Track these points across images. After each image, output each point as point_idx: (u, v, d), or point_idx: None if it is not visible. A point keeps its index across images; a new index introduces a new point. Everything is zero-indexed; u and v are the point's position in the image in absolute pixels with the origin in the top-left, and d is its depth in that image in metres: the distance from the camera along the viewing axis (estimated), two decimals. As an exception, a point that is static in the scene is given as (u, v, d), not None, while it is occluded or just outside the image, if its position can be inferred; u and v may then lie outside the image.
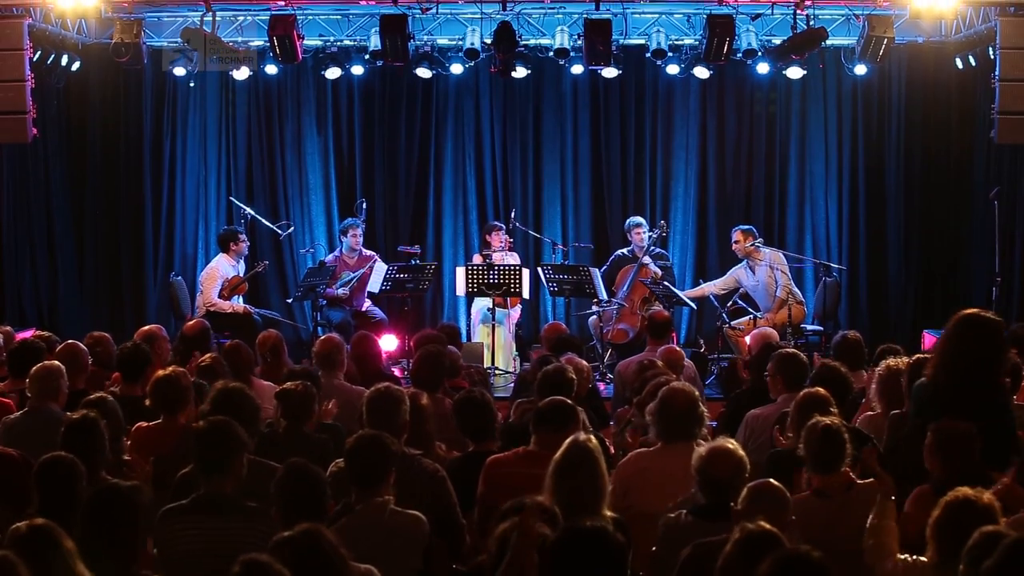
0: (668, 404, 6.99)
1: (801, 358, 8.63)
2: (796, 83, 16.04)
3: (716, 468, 5.95)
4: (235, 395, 7.21)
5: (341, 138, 16.90)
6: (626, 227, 15.28)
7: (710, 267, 16.48)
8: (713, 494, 5.93)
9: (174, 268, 16.09)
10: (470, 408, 7.54)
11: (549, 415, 6.94)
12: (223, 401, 7.11)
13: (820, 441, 6.37)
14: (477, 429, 7.49)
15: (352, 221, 15.26)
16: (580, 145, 16.85)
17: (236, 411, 6.84)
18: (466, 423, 7.54)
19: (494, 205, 16.82)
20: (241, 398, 7.19)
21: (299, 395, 7.59)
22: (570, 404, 7.09)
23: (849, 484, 6.38)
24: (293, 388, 7.64)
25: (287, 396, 7.59)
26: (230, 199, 16.30)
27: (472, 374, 10.72)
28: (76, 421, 6.64)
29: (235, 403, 7.08)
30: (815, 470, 6.42)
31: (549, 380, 8.05)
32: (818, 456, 6.39)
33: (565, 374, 8.17)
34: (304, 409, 7.59)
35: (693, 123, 16.75)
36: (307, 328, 15.63)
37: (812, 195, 16.70)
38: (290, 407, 7.55)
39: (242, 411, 6.94)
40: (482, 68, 16.07)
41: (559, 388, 7.76)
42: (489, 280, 14.25)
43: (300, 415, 7.56)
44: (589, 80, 16.52)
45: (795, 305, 14.06)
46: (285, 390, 7.67)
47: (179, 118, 16.73)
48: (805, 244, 16.58)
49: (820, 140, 16.65)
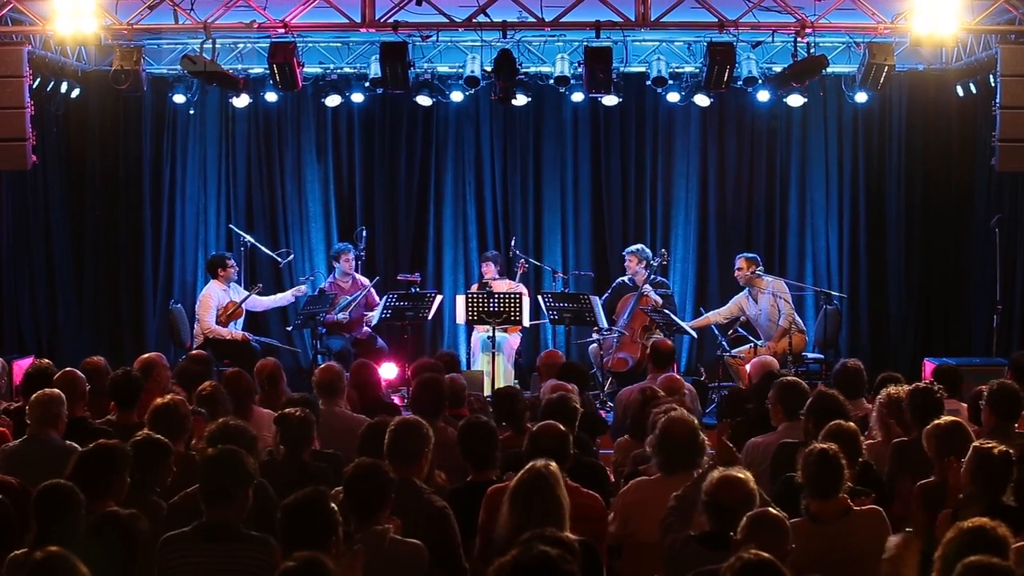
0: (669, 434, 6.98)
1: (802, 386, 8.65)
2: (797, 111, 16.09)
3: (725, 495, 5.92)
4: (231, 431, 7.19)
5: (341, 166, 16.94)
6: (624, 252, 15.33)
7: (711, 295, 16.50)
8: (719, 522, 5.90)
9: (173, 295, 16.12)
10: (476, 435, 7.51)
11: (545, 446, 6.94)
12: (220, 439, 7.08)
13: (817, 466, 6.39)
14: (481, 457, 7.46)
15: (344, 246, 15.31)
16: (580, 173, 16.89)
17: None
18: (470, 450, 7.51)
19: (494, 233, 16.85)
20: (237, 434, 7.17)
21: (298, 421, 7.57)
22: (563, 432, 7.08)
23: (846, 510, 6.39)
24: (291, 414, 7.62)
25: (286, 422, 7.56)
26: (229, 226, 16.34)
27: (472, 402, 10.70)
28: (89, 451, 6.61)
29: (232, 439, 7.05)
30: (812, 495, 6.43)
31: (552, 408, 8.06)
32: (815, 481, 6.41)
33: (568, 403, 8.17)
34: (303, 436, 7.57)
35: (694, 151, 16.79)
36: (307, 356, 15.63)
37: (813, 222, 16.74)
38: (288, 433, 7.53)
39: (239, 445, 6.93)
40: (482, 96, 16.13)
41: (561, 416, 7.75)
42: (489, 308, 14.27)
43: (299, 441, 7.54)
44: (589, 108, 16.58)
45: (796, 334, 14.07)
46: (284, 415, 7.63)
47: (179, 145, 16.78)
48: (806, 271, 16.61)
49: (821, 167, 16.69)
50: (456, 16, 13.71)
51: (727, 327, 14.50)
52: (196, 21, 13.60)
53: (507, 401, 9.05)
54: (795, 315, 14.53)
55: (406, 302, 14.55)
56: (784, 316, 14.34)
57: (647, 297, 14.59)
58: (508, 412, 8.89)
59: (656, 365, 11.27)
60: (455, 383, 9.82)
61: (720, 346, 14.08)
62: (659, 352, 11.43)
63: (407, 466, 6.82)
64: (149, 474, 6.85)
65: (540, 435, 7.10)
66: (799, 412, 8.19)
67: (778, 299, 14.43)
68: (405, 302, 14.54)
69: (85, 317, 16.74)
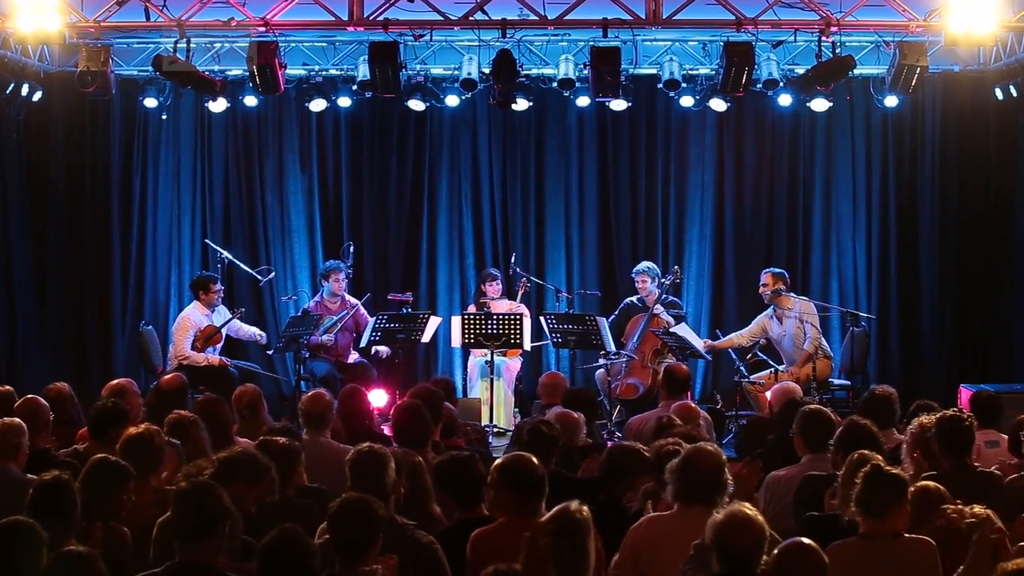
0: (692, 464, 6.94)
1: (827, 415, 8.64)
2: (821, 116, 16.12)
3: (735, 538, 5.86)
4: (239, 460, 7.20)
5: (326, 176, 16.96)
6: (632, 274, 15.34)
7: (727, 316, 16.51)
8: (730, 566, 5.86)
9: (144, 316, 16.11)
10: (452, 470, 7.50)
11: (520, 481, 6.92)
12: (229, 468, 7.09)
13: (876, 482, 6.40)
14: (462, 494, 7.44)
15: (334, 264, 15.31)
16: (586, 183, 16.92)
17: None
18: (450, 488, 7.50)
19: (493, 249, 16.87)
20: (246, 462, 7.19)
21: (281, 450, 7.56)
22: (538, 469, 7.04)
23: (897, 533, 6.41)
24: (274, 442, 7.60)
25: (268, 450, 7.55)
26: (205, 242, 16.34)
27: (468, 433, 10.70)
28: (46, 483, 6.62)
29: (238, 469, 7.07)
30: (867, 513, 6.43)
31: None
32: (873, 498, 6.41)
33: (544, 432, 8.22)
34: (288, 467, 7.56)
35: (709, 160, 16.82)
36: (289, 382, 15.63)
37: (839, 237, 16.75)
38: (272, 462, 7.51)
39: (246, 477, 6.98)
40: (480, 100, 16.17)
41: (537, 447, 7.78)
42: (487, 330, 14.27)
43: (283, 474, 7.54)
44: (596, 113, 16.61)
45: (822, 359, 14.07)
46: (265, 443, 7.62)
47: (150, 153, 16.79)
48: (831, 291, 16.61)
49: (847, 178, 16.71)
50: (451, 13, 13.75)
51: (745, 351, 14.48)
52: (169, 18, 13.64)
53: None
54: (822, 339, 14.54)
55: (397, 324, 14.54)
56: (810, 340, 14.34)
57: (659, 318, 14.60)
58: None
59: (670, 391, 11.26)
60: (447, 412, 9.83)
61: (738, 371, 14.08)
62: (674, 377, 11.41)
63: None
64: (105, 500, 6.84)
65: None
66: (826, 443, 8.19)
67: (804, 322, 14.42)
68: (396, 324, 14.53)
69: (47, 339, 16.70)
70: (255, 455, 7.36)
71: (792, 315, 14.52)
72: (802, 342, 14.41)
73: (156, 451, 7.78)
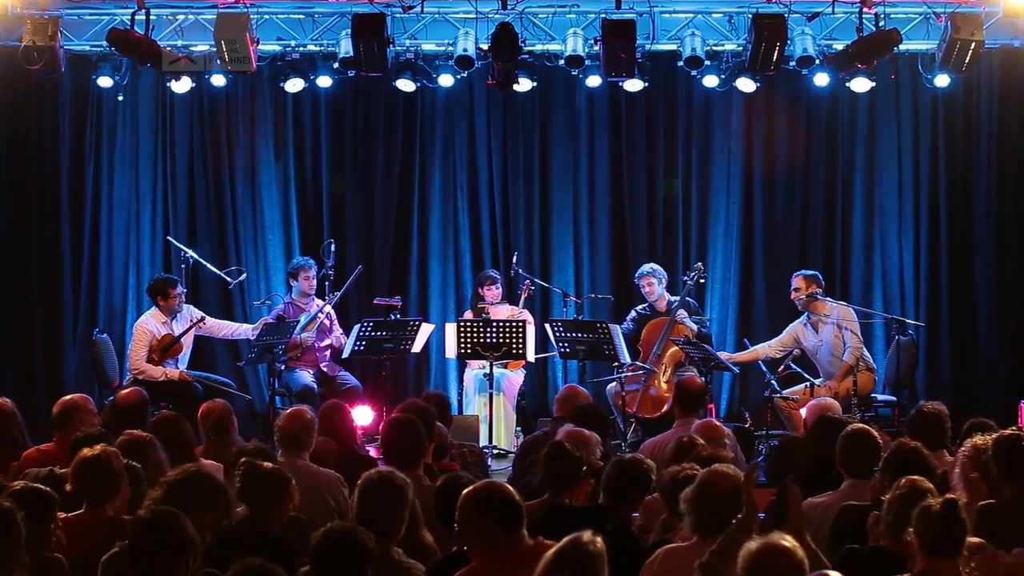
0: (708, 490, 6.96)
1: (872, 437, 8.63)
2: (863, 97, 16.14)
3: (771, 571, 5.91)
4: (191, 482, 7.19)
5: (304, 165, 16.98)
6: (635, 279, 15.34)
7: (757, 324, 16.52)
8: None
9: (98, 323, 16.14)
10: (450, 497, 7.48)
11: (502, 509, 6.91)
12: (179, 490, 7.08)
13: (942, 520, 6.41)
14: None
15: (303, 261, 15.35)
16: (597, 174, 16.93)
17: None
18: (447, 516, 7.48)
19: (492, 248, 16.89)
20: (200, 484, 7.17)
21: (268, 475, 7.55)
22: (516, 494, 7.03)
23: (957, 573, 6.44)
24: (260, 465, 7.58)
25: (252, 474, 7.53)
26: (168, 239, 16.32)
27: (465, 455, 10.72)
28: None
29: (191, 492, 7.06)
30: (930, 553, 6.43)
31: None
32: (939, 538, 6.42)
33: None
34: (274, 494, 7.56)
35: (736, 147, 16.82)
36: (262, 397, 15.64)
37: (883, 235, 16.75)
38: (253, 491, 7.53)
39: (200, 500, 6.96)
40: (477, 80, 16.20)
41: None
42: (486, 339, 14.27)
43: (266, 502, 7.52)
44: (608, 94, 16.63)
45: (864, 371, 14.08)
46: (251, 465, 7.59)
47: (105, 139, 16.76)
48: (874, 295, 16.61)
49: (892, 167, 16.70)
50: (445, -18, 13.79)
51: (777, 363, 14.47)
52: (126, -14, 13.66)
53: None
54: (863, 349, 14.54)
55: (384, 331, 14.53)
56: (850, 350, 14.34)
57: (681, 326, 14.60)
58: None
59: (684, 408, 11.28)
60: (438, 431, 9.84)
61: (769, 386, 14.04)
62: (686, 392, 11.42)
63: (381, 535, 6.77)
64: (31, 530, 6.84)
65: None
66: (870, 468, 8.20)
67: (844, 330, 14.42)
68: (383, 332, 14.52)
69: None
70: (210, 475, 7.34)
71: (829, 322, 14.52)
72: (841, 352, 14.40)
73: (114, 475, 7.74)
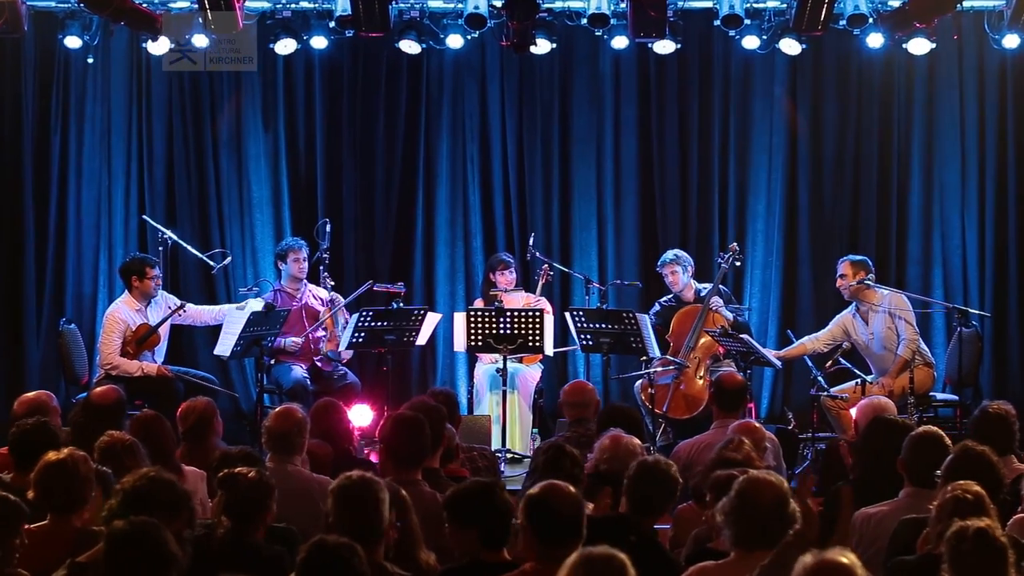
0: (749, 500, 6.94)
1: (941, 440, 8.60)
2: (921, 61, 16.09)
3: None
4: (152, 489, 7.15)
5: (296, 136, 16.98)
6: (658, 268, 15.32)
7: (801, 313, 16.53)
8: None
9: (65, 312, 16.13)
10: (473, 500, 7.45)
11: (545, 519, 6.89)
12: (135, 499, 7.04)
13: (974, 549, 6.37)
14: (486, 531, 7.40)
15: (293, 242, 15.35)
16: (623, 147, 16.92)
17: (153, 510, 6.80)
18: (470, 523, 7.45)
19: (506, 228, 16.90)
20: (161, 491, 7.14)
21: (250, 485, 7.51)
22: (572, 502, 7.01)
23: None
24: (242, 475, 7.56)
25: (234, 484, 7.50)
26: (143, 218, 16.34)
27: (475, 459, 10.71)
28: None
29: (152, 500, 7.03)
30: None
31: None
32: (972, 569, 6.38)
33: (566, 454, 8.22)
34: (256, 505, 7.49)
35: (778, 116, 16.81)
36: (249, 395, 15.65)
37: (943, 215, 16.72)
38: (237, 502, 7.49)
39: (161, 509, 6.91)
40: (489, 41, 16.18)
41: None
42: (499, 330, 14.24)
43: (250, 513, 7.48)
44: (636, 58, 16.62)
45: (922, 367, 14.04)
46: (232, 476, 7.58)
47: (73, 106, 16.76)
48: (933, 282, 16.60)
49: (955, 139, 16.66)
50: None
51: (824, 358, 14.44)
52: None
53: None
54: (920, 342, 14.51)
55: (386, 322, 14.50)
56: (905, 343, 14.31)
57: (716, 315, 14.57)
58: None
59: (722, 407, 11.26)
60: (446, 433, 9.83)
61: (815, 383, 14.04)
62: (724, 390, 11.40)
63: (365, 544, 6.73)
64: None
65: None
66: (932, 475, 8.16)
67: (896, 319, 14.39)
68: (384, 322, 14.50)
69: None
70: (171, 481, 7.32)
71: (880, 311, 14.47)
72: (895, 345, 14.37)
73: (82, 482, 7.75)
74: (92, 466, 8.02)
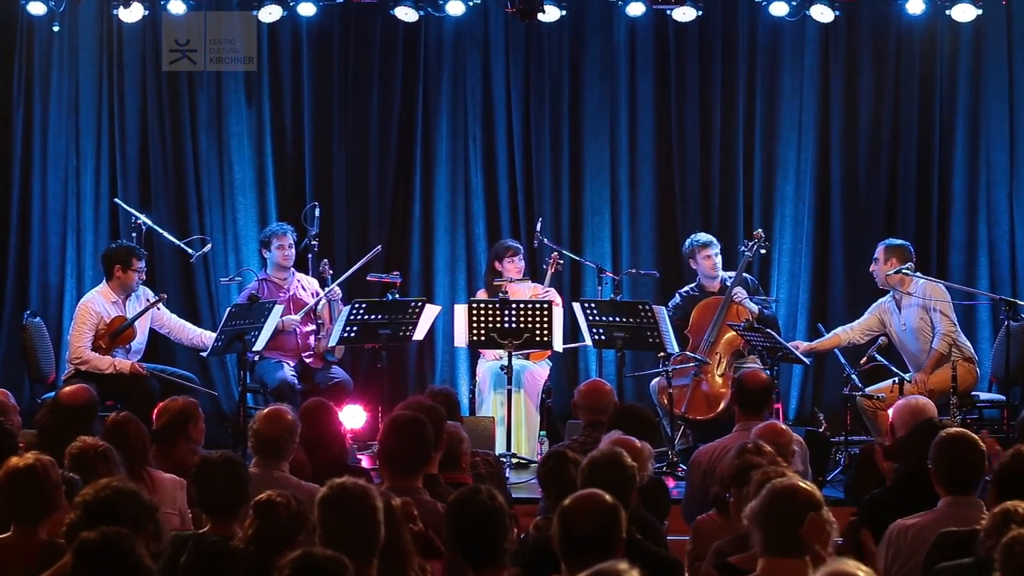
0: (778, 504, 6.98)
1: (974, 443, 8.62)
2: (966, 28, 16.12)
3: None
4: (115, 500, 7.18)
5: (282, 112, 16.99)
6: (686, 249, 15.32)
7: (833, 305, 16.52)
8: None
9: (29, 305, 16.15)
10: (465, 517, 7.45)
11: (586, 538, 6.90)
12: (98, 511, 7.07)
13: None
14: (476, 549, 7.40)
15: (278, 228, 15.35)
16: (640, 123, 16.94)
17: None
18: (461, 539, 7.46)
19: (511, 212, 16.93)
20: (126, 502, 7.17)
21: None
22: (610, 507, 7.01)
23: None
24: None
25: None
26: (115, 201, 16.36)
27: (477, 464, 10.72)
28: None
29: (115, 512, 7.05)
30: None
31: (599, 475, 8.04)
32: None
33: (621, 462, 8.17)
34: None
35: (809, 89, 16.80)
36: (231, 395, 15.67)
37: (990, 197, 16.71)
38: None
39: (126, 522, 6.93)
40: (493, 9, 16.20)
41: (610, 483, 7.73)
42: (504, 324, 14.26)
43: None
44: (653, 25, 16.64)
45: (962, 363, 14.04)
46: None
47: (37, 79, 16.76)
48: (979, 271, 16.58)
49: (1003, 115, 16.65)
50: None
51: (858, 354, 14.40)
52: None
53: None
54: (959, 335, 14.50)
55: (380, 315, 14.53)
56: (940, 335, 14.29)
57: (739, 307, 14.58)
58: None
59: (745, 409, 11.23)
60: (450, 433, 9.84)
61: (849, 382, 14.04)
62: (747, 389, 11.38)
63: (358, 559, 6.76)
64: None
65: (574, 512, 7.03)
66: (972, 482, 8.18)
67: (932, 311, 14.36)
68: (379, 315, 14.53)
69: None
70: (135, 491, 7.33)
71: (913, 302, 14.43)
72: (929, 339, 14.35)
73: (50, 490, 7.76)
74: (60, 472, 8.04)
